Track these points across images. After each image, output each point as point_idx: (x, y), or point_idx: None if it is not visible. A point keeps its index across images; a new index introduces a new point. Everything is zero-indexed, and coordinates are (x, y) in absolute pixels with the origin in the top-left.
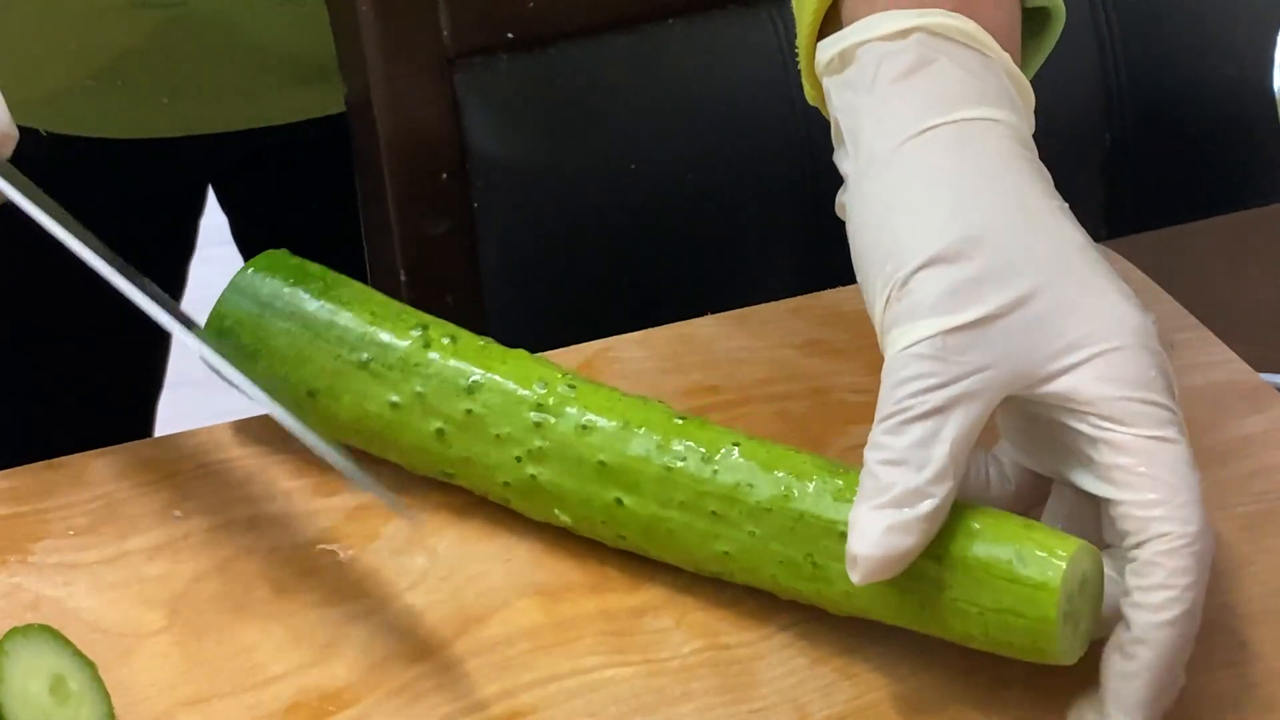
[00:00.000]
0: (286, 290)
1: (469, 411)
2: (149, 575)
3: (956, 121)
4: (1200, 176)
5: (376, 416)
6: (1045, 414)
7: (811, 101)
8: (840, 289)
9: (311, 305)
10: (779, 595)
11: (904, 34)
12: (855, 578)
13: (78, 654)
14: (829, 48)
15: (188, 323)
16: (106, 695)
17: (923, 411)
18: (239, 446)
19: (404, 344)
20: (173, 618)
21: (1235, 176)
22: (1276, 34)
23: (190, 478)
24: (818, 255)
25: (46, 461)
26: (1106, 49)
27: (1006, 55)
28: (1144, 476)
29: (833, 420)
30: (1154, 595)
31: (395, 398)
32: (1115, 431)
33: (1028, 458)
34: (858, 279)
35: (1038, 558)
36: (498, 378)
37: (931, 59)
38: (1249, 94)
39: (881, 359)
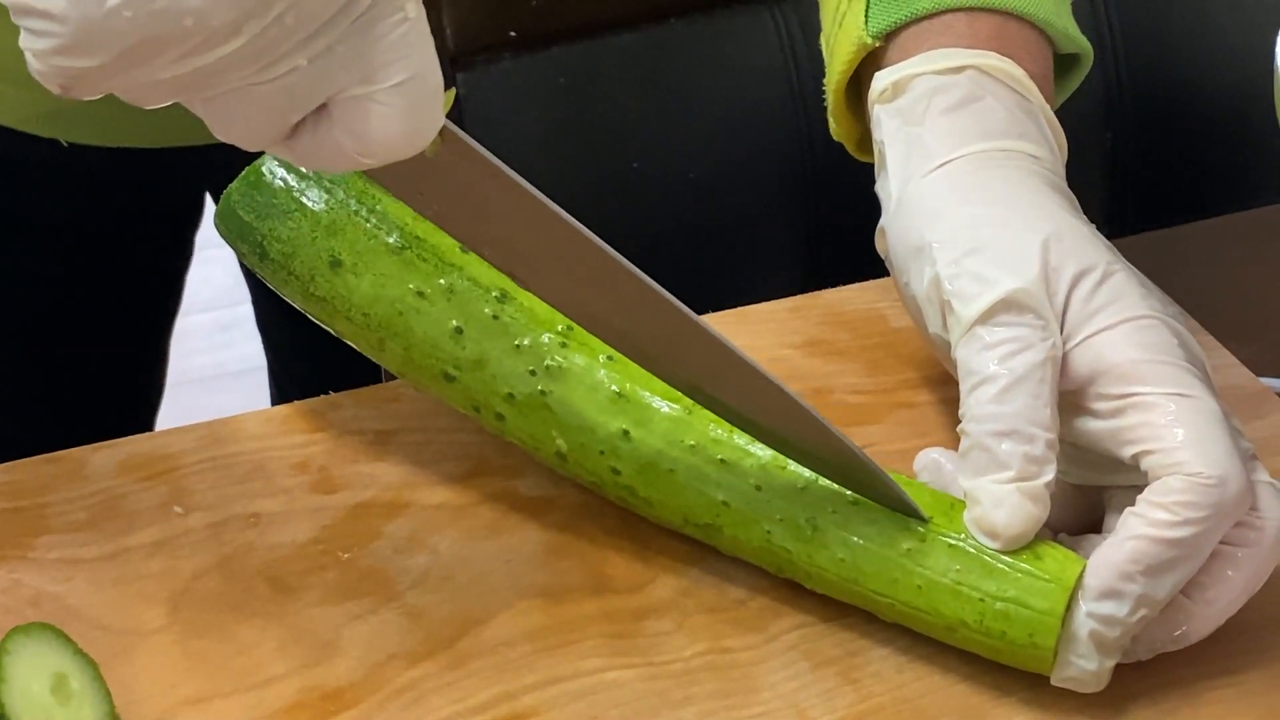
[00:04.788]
0: None
1: (495, 317)
2: (149, 572)
3: (994, 150)
4: (1200, 176)
5: (396, 300)
6: (1076, 402)
7: (836, 137)
8: (841, 289)
9: (358, 183)
10: (753, 559)
11: (958, 70)
12: (997, 546)
13: (79, 653)
14: (885, 77)
15: None
16: (108, 695)
17: (1022, 374)
18: (239, 442)
19: (444, 241)
20: (173, 615)
21: (1235, 176)
22: (1277, 34)
23: (191, 473)
24: (818, 254)
25: (46, 455)
26: (1107, 49)
27: (1045, 103)
28: (1170, 426)
29: (833, 421)
30: (1156, 512)
31: (422, 287)
32: (1140, 391)
33: (1065, 464)
34: (898, 279)
35: (1055, 557)
36: (531, 296)
37: (980, 95)
38: (1249, 94)
39: (881, 360)
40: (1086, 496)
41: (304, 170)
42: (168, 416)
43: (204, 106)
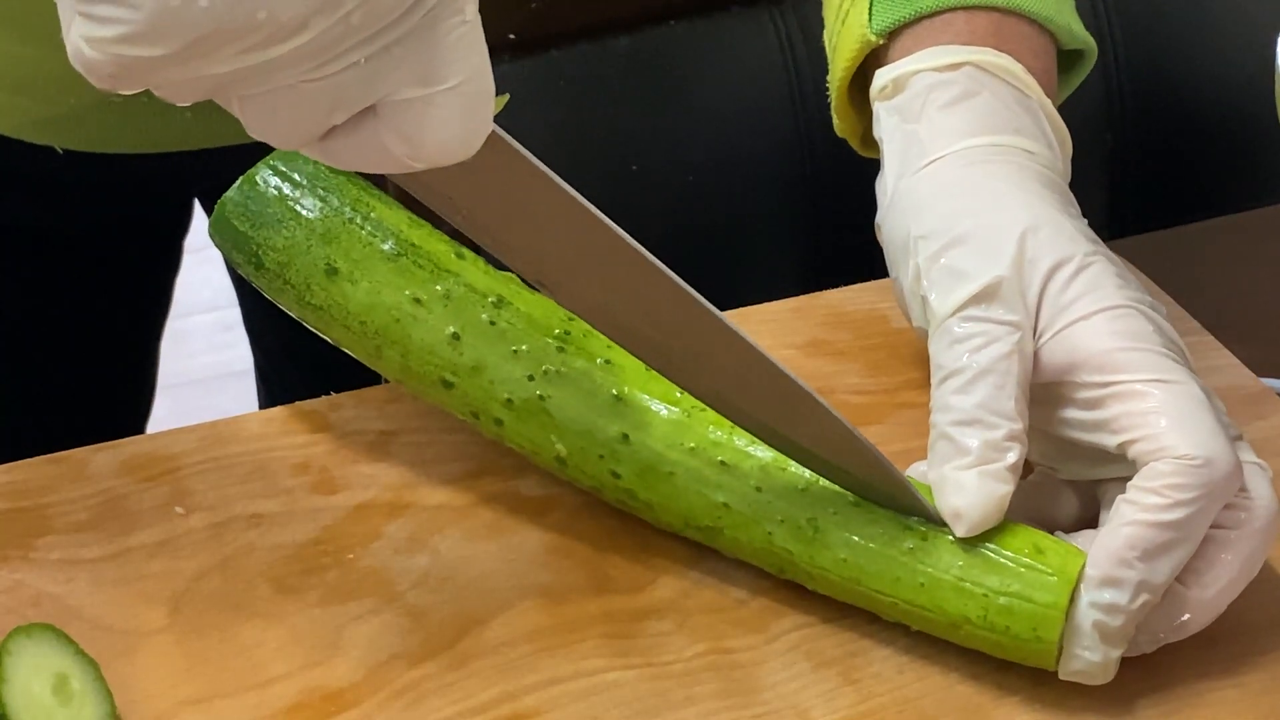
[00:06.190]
0: (329, 173)
1: (492, 323)
2: (150, 572)
3: (988, 146)
4: (1200, 176)
5: (392, 307)
6: (1058, 393)
7: (841, 134)
8: (842, 289)
9: (353, 191)
10: (754, 560)
11: (955, 66)
12: (961, 530)
13: (80, 653)
14: (885, 75)
15: None
16: (109, 695)
17: (986, 366)
18: (241, 443)
19: (439, 248)
20: (174, 616)
21: (1236, 177)
22: (1276, 34)
23: (192, 474)
24: (819, 255)
25: (48, 455)
26: (1108, 49)
27: (1046, 98)
28: (1153, 413)
29: None
30: (1147, 497)
31: (418, 294)
32: (1120, 380)
33: (1055, 460)
34: (890, 274)
35: (1057, 551)
36: (528, 302)
37: (977, 91)
38: (1249, 94)
39: (882, 360)
40: (1080, 493)
41: (299, 178)
42: (168, 417)
43: (242, 103)
